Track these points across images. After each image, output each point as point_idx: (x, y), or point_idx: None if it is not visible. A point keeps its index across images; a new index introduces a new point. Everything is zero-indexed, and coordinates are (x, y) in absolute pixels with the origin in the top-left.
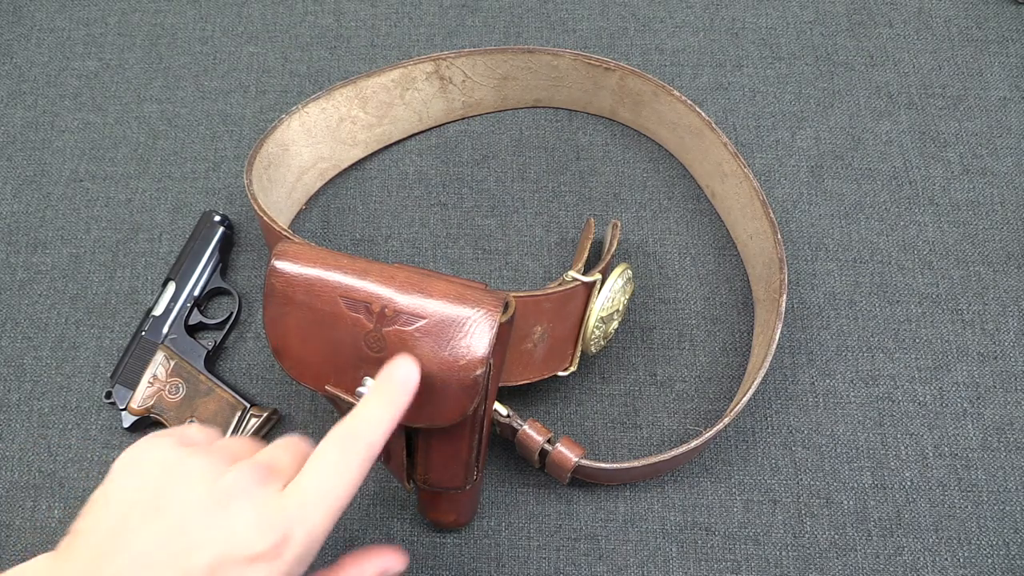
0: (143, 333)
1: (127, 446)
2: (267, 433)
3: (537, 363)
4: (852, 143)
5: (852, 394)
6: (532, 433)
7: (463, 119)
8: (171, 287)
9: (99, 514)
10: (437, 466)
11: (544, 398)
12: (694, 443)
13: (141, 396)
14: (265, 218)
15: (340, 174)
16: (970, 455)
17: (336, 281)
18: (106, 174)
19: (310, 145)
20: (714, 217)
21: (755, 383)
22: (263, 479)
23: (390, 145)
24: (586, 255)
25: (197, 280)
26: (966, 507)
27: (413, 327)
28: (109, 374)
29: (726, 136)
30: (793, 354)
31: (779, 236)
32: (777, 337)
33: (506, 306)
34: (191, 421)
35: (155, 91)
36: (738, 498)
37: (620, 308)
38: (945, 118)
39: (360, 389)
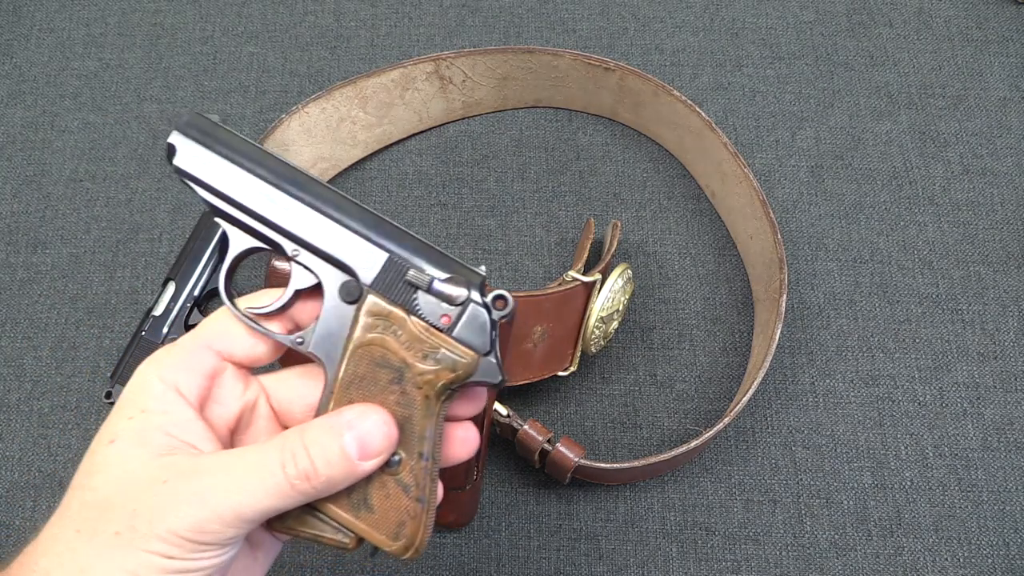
0: (143, 333)
1: None
2: None
3: (537, 363)
4: (852, 143)
5: (852, 394)
6: (532, 433)
7: (463, 119)
8: (171, 287)
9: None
10: None
11: (544, 398)
12: (694, 443)
13: None
14: None
15: (340, 174)
16: (970, 455)
17: None
18: (106, 174)
19: (310, 145)
20: (714, 217)
21: (755, 383)
22: None
23: (390, 145)
24: (586, 255)
25: (197, 280)
26: (966, 507)
27: None
28: (109, 374)
29: (726, 136)
30: (793, 354)
31: (779, 236)
32: (777, 337)
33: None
34: None
35: (155, 91)
36: (738, 498)
37: (620, 308)
38: (945, 118)
39: None
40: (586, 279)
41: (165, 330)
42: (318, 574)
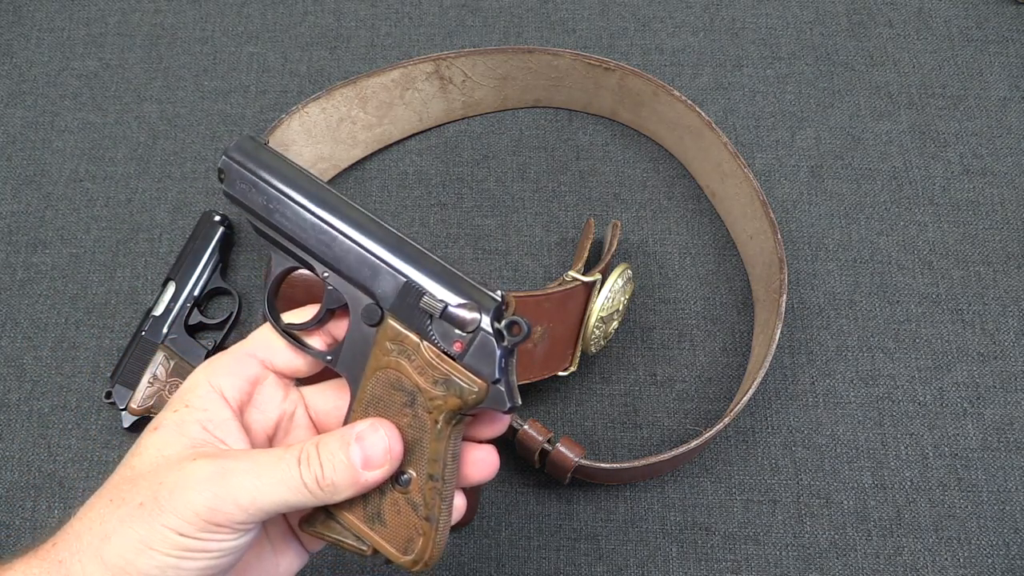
0: (143, 333)
1: (127, 446)
2: None
3: (537, 363)
4: (852, 143)
5: (852, 394)
6: (532, 433)
7: (463, 119)
8: (171, 287)
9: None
10: None
11: (544, 398)
12: (694, 443)
13: (141, 396)
14: None
15: (340, 174)
16: (970, 455)
17: None
18: (106, 174)
19: (310, 145)
20: (714, 217)
21: (755, 383)
22: None
23: (390, 145)
24: (586, 255)
25: (197, 280)
26: (966, 507)
27: None
28: (109, 374)
29: (726, 136)
30: (793, 354)
31: (779, 236)
32: (777, 337)
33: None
34: None
35: (155, 91)
36: (738, 498)
37: (620, 308)
38: (945, 118)
39: None
40: (586, 279)
41: (165, 330)
42: (318, 574)
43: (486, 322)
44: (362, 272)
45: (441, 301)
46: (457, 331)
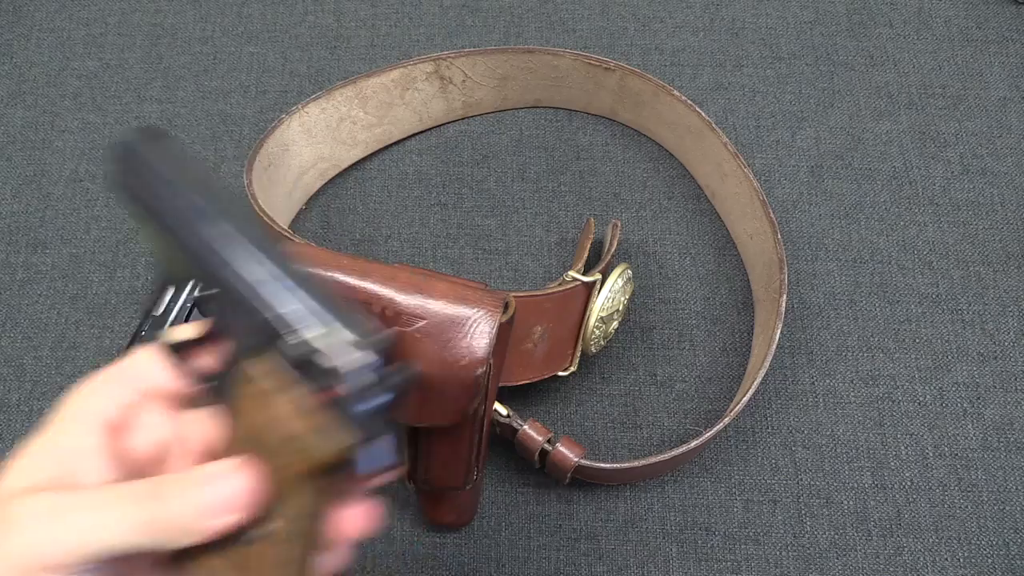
0: (143, 333)
1: None
2: None
3: (537, 363)
4: (852, 143)
5: (852, 394)
6: (532, 433)
7: (463, 119)
8: (171, 287)
9: None
10: (437, 465)
11: (544, 398)
12: (694, 443)
13: None
14: (265, 218)
15: (340, 174)
16: (970, 455)
17: (336, 281)
18: (106, 174)
19: (310, 145)
20: (714, 217)
21: (755, 383)
22: None
23: (390, 145)
24: (586, 255)
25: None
26: (966, 507)
27: (414, 327)
28: None
29: (726, 136)
30: (793, 354)
31: (779, 236)
32: (777, 337)
33: (506, 306)
34: None
35: (155, 91)
36: (738, 498)
37: (620, 308)
38: (945, 118)
39: None
40: (586, 279)
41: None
42: None
43: (368, 363)
44: (237, 296)
45: (319, 338)
46: (335, 372)
